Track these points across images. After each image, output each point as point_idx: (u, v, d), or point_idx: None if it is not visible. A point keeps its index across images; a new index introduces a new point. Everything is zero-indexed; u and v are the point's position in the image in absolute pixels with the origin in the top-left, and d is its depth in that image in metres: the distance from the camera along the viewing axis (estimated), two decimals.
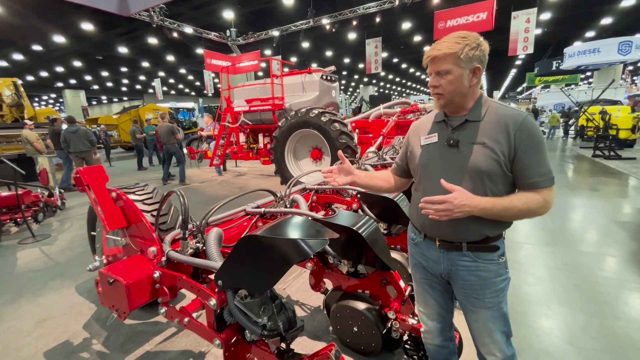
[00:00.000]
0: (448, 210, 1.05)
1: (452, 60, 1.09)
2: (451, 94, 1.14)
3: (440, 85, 1.13)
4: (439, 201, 1.06)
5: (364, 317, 1.82)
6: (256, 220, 2.10)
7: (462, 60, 1.09)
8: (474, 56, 1.10)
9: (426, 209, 1.09)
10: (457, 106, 1.17)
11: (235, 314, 1.25)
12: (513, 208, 1.08)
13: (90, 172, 1.70)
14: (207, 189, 7.37)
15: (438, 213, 1.07)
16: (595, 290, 2.58)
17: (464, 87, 1.13)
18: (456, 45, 1.08)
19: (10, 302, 2.78)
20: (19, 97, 11.10)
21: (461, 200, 1.04)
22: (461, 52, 1.08)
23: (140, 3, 8.11)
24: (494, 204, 1.07)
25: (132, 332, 2.29)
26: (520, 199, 1.09)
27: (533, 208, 1.08)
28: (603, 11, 15.08)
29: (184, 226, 1.47)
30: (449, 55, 1.09)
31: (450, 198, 1.05)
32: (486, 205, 1.07)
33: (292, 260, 1.07)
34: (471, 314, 1.23)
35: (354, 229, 1.69)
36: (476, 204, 1.06)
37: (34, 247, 4.09)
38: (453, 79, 1.11)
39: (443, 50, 1.10)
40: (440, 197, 1.06)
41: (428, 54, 1.14)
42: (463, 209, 1.05)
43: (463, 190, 1.07)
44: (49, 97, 35.75)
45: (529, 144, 1.09)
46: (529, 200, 1.09)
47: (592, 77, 25.97)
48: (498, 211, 1.08)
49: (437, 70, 1.12)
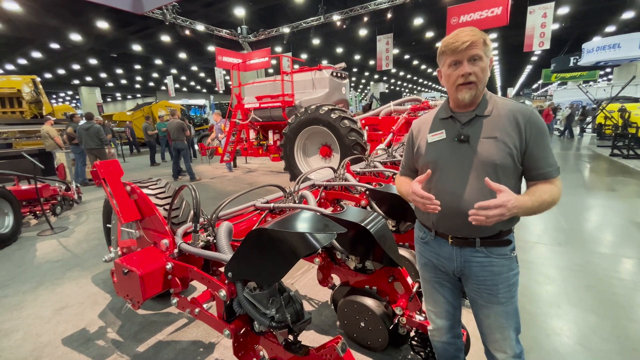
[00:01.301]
0: (502, 214, 0.98)
1: (483, 47, 1.09)
2: (482, 83, 1.12)
3: (474, 72, 1.09)
4: (494, 205, 0.98)
5: (371, 312, 1.84)
6: (265, 215, 2.13)
7: (488, 49, 1.10)
8: (491, 47, 1.11)
9: (478, 215, 1.00)
10: (475, 99, 1.16)
11: (244, 305, 1.28)
12: (544, 202, 1.07)
13: (106, 166, 1.76)
14: (218, 184, 7.48)
15: (490, 219, 0.99)
16: (608, 291, 2.52)
17: (487, 77, 1.13)
18: (481, 33, 1.09)
19: (31, 291, 2.91)
20: (38, 94, 11.44)
21: (512, 202, 0.98)
22: (487, 40, 1.09)
23: (154, 1, 8.21)
24: (532, 202, 1.05)
25: (146, 322, 2.37)
26: (545, 191, 1.08)
27: (555, 198, 1.08)
28: (624, 5, 14.52)
29: (195, 219, 1.51)
30: (481, 41, 1.08)
31: (504, 201, 0.98)
32: (528, 204, 1.04)
33: (300, 253, 1.09)
34: (483, 309, 1.23)
35: (362, 225, 1.70)
36: (522, 204, 1.01)
37: (52, 239, 4.24)
38: (484, 67, 1.10)
39: (477, 35, 1.08)
40: (495, 202, 0.98)
41: (464, 39, 1.08)
42: (513, 211, 0.99)
43: (509, 190, 1.01)
44: (65, 94, 36.75)
45: (538, 136, 1.10)
46: (552, 191, 1.08)
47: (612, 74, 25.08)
48: (535, 208, 1.05)
49: (473, 55, 1.08)
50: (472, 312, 1.30)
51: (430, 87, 50.82)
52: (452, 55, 1.13)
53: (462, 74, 1.11)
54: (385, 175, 3.23)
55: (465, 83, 1.12)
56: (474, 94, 1.13)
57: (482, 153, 1.12)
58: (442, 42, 1.17)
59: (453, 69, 1.14)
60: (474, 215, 1.01)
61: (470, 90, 1.12)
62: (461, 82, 1.12)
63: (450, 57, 1.14)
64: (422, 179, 1.17)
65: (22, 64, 20.55)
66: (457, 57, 1.11)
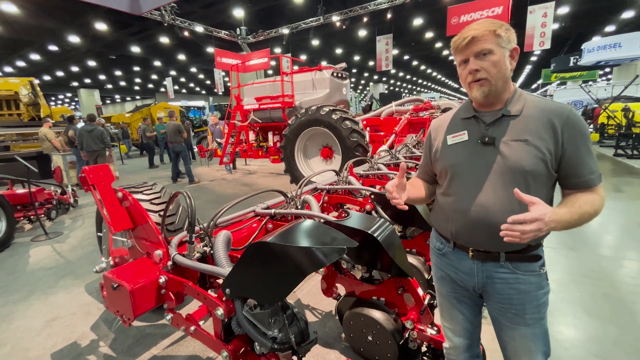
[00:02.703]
0: (539, 230, 0.85)
1: (493, 40, 0.98)
2: (495, 78, 1.01)
3: (482, 68, 1.00)
4: (531, 220, 0.84)
5: (380, 326, 1.72)
6: (266, 222, 2.02)
7: (503, 40, 0.99)
8: (512, 36, 1.00)
9: (513, 230, 0.86)
10: (497, 95, 1.05)
11: (243, 325, 1.17)
12: (584, 214, 0.94)
13: (96, 171, 1.64)
14: (217, 187, 7.36)
15: (526, 236, 0.85)
16: (627, 300, 2.40)
17: (507, 70, 1.02)
18: (492, 24, 0.98)
19: (22, 301, 2.78)
20: (36, 96, 11.34)
21: (550, 216, 0.85)
22: (500, 30, 0.98)
23: (152, 2, 8.13)
24: (571, 215, 0.93)
25: (140, 335, 2.25)
26: (586, 202, 0.96)
27: (597, 209, 0.97)
28: (624, 4, 14.46)
29: (190, 229, 1.39)
30: (490, 34, 0.98)
31: (541, 215, 0.84)
32: (566, 218, 0.91)
33: (305, 271, 0.98)
34: (507, 330, 1.11)
35: (368, 232, 1.59)
36: (560, 218, 0.89)
37: (46, 245, 4.12)
38: (497, 60, 0.99)
39: (482, 29, 0.98)
40: (531, 215, 0.85)
41: (465, 35, 1.00)
42: (550, 226, 0.87)
43: (544, 203, 0.88)
44: (64, 96, 36.64)
45: (578, 140, 0.98)
46: (595, 202, 0.97)
47: (611, 74, 25.01)
48: (574, 221, 0.93)
49: (478, 51, 1.00)
50: (491, 327, 1.19)
51: (429, 87, 50.79)
52: (458, 54, 1.06)
53: (469, 71, 1.03)
54: (390, 178, 3.12)
55: (475, 80, 1.03)
56: (486, 90, 1.02)
57: (510, 158, 1.01)
58: (451, 43, 1.09)
59: (463, 67, 1.06)
60: (507, 231, 0.87)
61: (482, 87, 1.02)
62: (470, 80, 1.04)
63: (458, 56, 1.07)
64: (399, 176, 1.13)
65: (20, 66, 20.45)
66: (463, 55, 1.04)
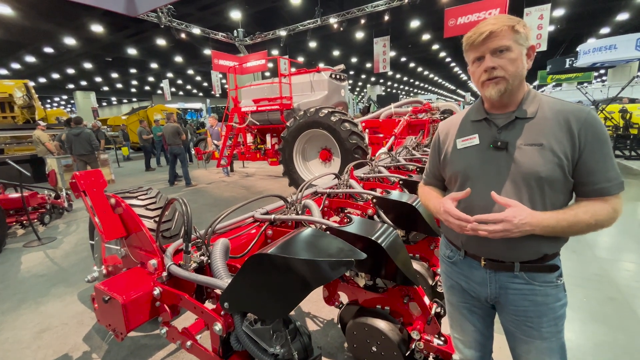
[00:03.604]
0: (506, 230, 0.88)
1: (511, 36, 0.93)
2: (512, 77, 0.95)
3: (499, 66, 0.94)
4: (494, 220, 0.88)
5: (385, 336, 1.65)
6: (265, 228, 1.95)
7: (521, 36, 0.93)
8: (529, 33, 0.95)
9: (478, 229, 0.91)
10: (511, 96, 1.00)
11: (243, 341, 1.10)
12: (579, 223, 0.90)
13: (87, 176, 1.57)
14: (215, 190, 7.27)
15: (493, 234, 0.90)
16: (634, 304, 2.35)
17: (523, 69, 0.96)
18: (510, 20, 0.93)
19: (12, 310, 2.69)
20: (30, 99, 11.21)
21: (521, 218, 0.87)
22: (518, 26, 0.92)
23: (148, 3, 8.03)
24: (557, 220, 0.90)
25: (135, 346, 2.17)
26: (586, 211, 0.91)
27: (601, 220, 0.91)
28: (619, 6, 14.59)
29: (186, 238, 1.32)
30: (509, 29, 0.92)
31: (509, 216, 0.87)
32: (549, 223, 0.89)
33: (310, 285, 0.91)
34: (522, 344, 1.05)
35: (372, 239, 1.53)
36: (538, 222, 0.88)
37: (39, 251, 4.02)
38: (515, 58, 0.94)
39: (500, 23, 0.92)
40: (496, 216, 0.89)
41: (482, 30, 0.94)
42: (523, 229, 0.88)
43: (521, 205, 0.90)
44: (60, 98, 36.36)
45: (595, 144, 0.92)
46: (597, 211, 0.91)
47: (606, 75, 25.21)
48: (562, 228, 0.90)
49: (496, 47, 0.94)
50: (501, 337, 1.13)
51: (426, 89, 50.96)
52: (472, 51, 0.99)
53: (485, 69, 0.96)
54: (391, 181, 3.06)
55: (491, 78, 0.96)
56: (502, 89, 0.96)
57: (524, 163, 0.95)
58: (463, 39, 1.02)
59: (477, 65, 0.99)
60: (474, 227, 0.91)
61: (498, 85, 0.96)
62: (485, 78, 0.97)
63: (472, 53, 1.00)
64: (458, 196, 1.00)
65: (15, 69, 20.26)
66: (479, 52, 0.97)
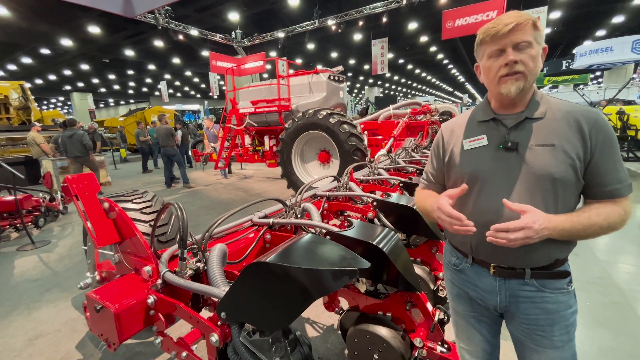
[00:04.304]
0: (527, 237, 0.84)
1: (532, 32, 0.89)
2: (531, 75, 0.91)
3: (521, 60, 0.89)
4: (515, 228, 0.84)
5: (386, 344, 1.61)
6: (264, 232, 1.90)
7: (540, 34, 0.90)
8: (543, 34, 0.91)
9: (498, 238, 0.86)
10: (524, 95, 0.96)
11: (241, 353, 1.05)
12: (593, 225, 0.87)
13: (80, 180, 1.52)
14: (212, 192, 7.21)
15: (513, 243, 0.85)
16: (638, 308, 2.32)
17: (539, 68, 0.92)
18: (530, 16, 0.89)
19: (3, 317, 2.62)
20: (26, 100, 11.12)
21: (540, 223, 0.84)
22: (538, 24, 0.89)
23: (145, 4, 7.98)
24: (572, 224, 0.87)
25: (130, 353, 2.11)
26: (599, 214, 0.88)
27: (613, 223, 0.88)
28: (615, 9, 14.71)
29: (182, 244, 1.27)
30: (532, 25, 0.89)
31: (529, 223, 0.83)
32: (565, 226, 0.86)
33: (312, 295, 0.87)
34: (533, 353, 1.02)
35: (373, 243, 1.49)
36: (555, 226, 0.85)
37: (33, 255, 3.94)
38: (535, 55, 0.90)
39: (524, 17, 0.89)
40: (517, 223, 0.84)
41: (506, 21, 0.89)
42: (542, 234, 0.85)
43: (536, 210, 0.86)
44: (57, 100, 36.19)
45: (606, 145, 0.89)
46: (610, 213, 0.88)
47: (601, 77, 25.39)
48: (577, 231, 0.87)
49: (519, 41, 0.89)
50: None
51: (424, 91, 51.14)
52: (492, 43, 0.93)
53: (506, 62, 0.90)
54: (391, 183, 3.03)
55: (510, 73, 0.91)
56: (521, 86, 0.91)
57: (536, 164, 0.92)
58: (481, 30, 0.96)
59: (494, 59, 0.94)
60: (492, 238, 0.87)
61: (518, 81, 0.91)
62: (504, 72, 0.92)
63: (490, 46, 0.94)
64: (454, 193, 0.96)
65: (12, 70, 20.12)
66: (499, 45, 0.91)
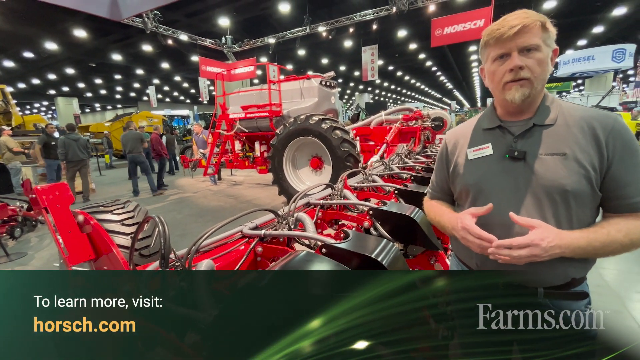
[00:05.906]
0: (533, 255, 0.76)
1: (541, 34, 0.82)
2: (538, 80, 0.85)
3: (527, 66, 0.82)
4: (519, 245, 0.77)
5: None
6: (255, 245, 1.78)
7: (550, 36, 0.82)
8: (554, 35, 0.84)
9: (498, 255, 0.79)
10: (532, 101, 0.89)
11: None
12: (613, 243, 0.79)
13: (50, 191, 1.37)
14: (201, 199, 7.02)
15: (517, 260, 0.78)
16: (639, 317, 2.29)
17: (548, 73, 0.85)
18: (539, 16, 0.82)
19: None
20: (7, 104, 10.73)
21: (549, 240, 0.76)
22: (548, 24, 0.82)
23: (132, 8, 7.84)
24: (589, 241, 0.78)
25: None
26: (619, 229, 0.80)
27: (637, 240, 0.80)
28: (595, 20, 15.25)
29: (162, 263, 1.14)
30: (540, 26, 0.82)
31: (536, 240, 0.76)
32: (580, 244, 0.78)
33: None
34: None
35: (372, 257, 1.40)
36: (568, 243, 0.77)
37: (7, 268, 3.70)
38: (543, 59, 0.83)
39: (532, 18, 0.81)
40: (521, 240, 0.77)
41: (513, 23, 0.82)
42: (552, 252, 0.76)
43: (546, 225, 0.78)
44: (41, 104, 35.20)
45: (625, 154, 0.81)
46: (632, 229, 0.80)
47: (583, 85, 26.28)
48: (594, 249, 0.79)
49: (525, 45, 0.82)
50: None
51: (413, 97, 51.95)
52: (497, 46, 0.86)
53: (511, 67, 0.84)
54: (386, 191, 2.95)
55: (516, 80, 0.85)
56: (527, 92, 0.85)
57: (546, 175, 0.84)
58: (485, 31, 0.89)
59: (499, 63, 0.87)
60: (494, 254, 0.81)
61: (523, 87, 0.85)
62: (509, 79, 0.85)
63: (495, 49, 0.87)
64: (479, 212, 0.87)
65: None
66: (504, 48, 0.85)
